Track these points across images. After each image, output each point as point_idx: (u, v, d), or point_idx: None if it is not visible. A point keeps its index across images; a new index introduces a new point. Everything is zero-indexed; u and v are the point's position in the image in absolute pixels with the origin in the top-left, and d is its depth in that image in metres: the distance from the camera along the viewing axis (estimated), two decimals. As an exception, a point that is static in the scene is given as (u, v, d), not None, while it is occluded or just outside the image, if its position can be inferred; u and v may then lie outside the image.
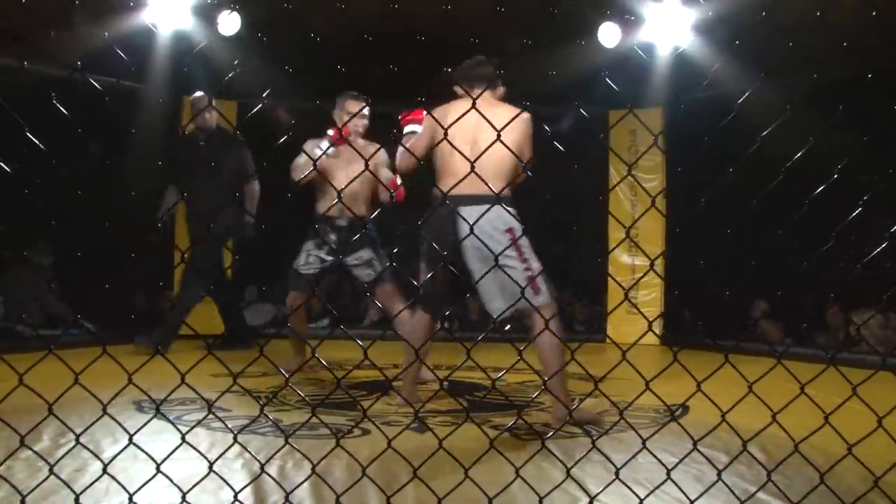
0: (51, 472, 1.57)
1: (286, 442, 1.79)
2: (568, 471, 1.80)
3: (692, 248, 5.86)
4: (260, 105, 2.16)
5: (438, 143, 3.50)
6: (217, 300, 6.04)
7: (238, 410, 3.37)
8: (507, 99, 3.68)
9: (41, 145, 1.88)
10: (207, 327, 6.21)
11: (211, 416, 1.71)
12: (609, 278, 7.22)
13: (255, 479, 2.12)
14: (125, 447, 1.61)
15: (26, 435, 1.48)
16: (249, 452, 1.78)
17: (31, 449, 1.70)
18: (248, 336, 6.02)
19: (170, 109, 6.83)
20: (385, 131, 5.92)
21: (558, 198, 7.16)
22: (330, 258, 4.53)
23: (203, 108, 5.35)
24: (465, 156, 1.69)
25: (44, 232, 6.02)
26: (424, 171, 3.71)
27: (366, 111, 4.57)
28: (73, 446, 1.65)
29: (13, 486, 1.66)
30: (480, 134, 3.36)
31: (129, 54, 5.67)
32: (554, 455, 2.20)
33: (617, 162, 7.21)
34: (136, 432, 1.58)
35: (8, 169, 1.76)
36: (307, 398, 3.82)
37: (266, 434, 2.93)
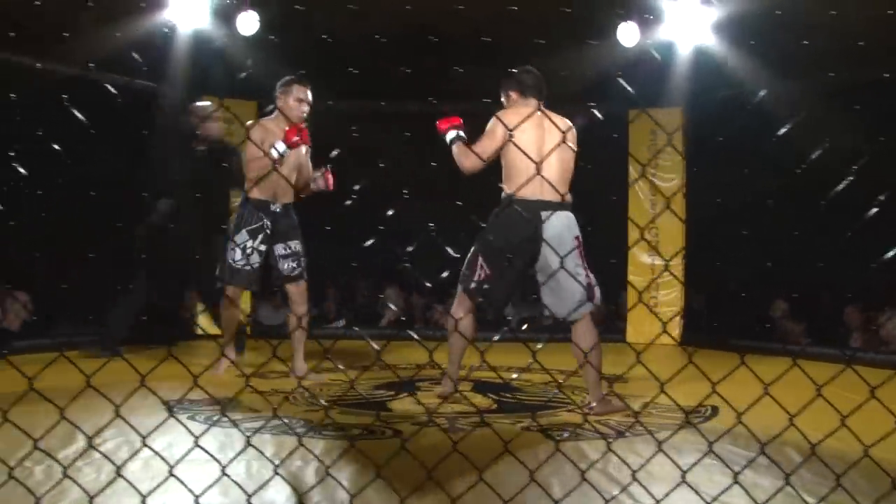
0: (65, 474, 1.58)
1: (300, 443, 1.78)
2: (583, 473, 1.78)
3: (712, 248, 5.83)
4: (274, 106, 2.17)
5: (501, 146, 3.69)
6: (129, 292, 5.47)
7: (266, 411, 3.35)
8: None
9: (57, 147, 1.89)
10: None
11: (226, 418, 1.71)
12: (629, 277, 7.17)
13: (269, 481, 2.12)
14: (138, 450, 1.62)
15: (39, 439, 1.49)
16: (263, 455, 1.78)
17: (44, 451, 1.71)
18: (115, 344, 5.06)
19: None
20: (400, 130, 5.91)
21: (577, 197, 7.15)
22: (264, 247, 4.45)
23: (207, 116, 5.21)
24: (530, 157, 1.69)
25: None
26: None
27: (309, 95, 4.47)
28: (86, 449, 1.66)
29: (27, 489, 1.67)
30: (546, 141, 3.68)
31: (146, 55, 5.69)
32: (568, 458, 2.18)
33: (636, 161, 7.16)
34: (147, 435, 1.58)
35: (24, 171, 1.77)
36: (326, 399, 3.82)
37: (285, 435, 2.94)
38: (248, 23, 6.35)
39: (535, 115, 3.60)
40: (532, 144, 3.64)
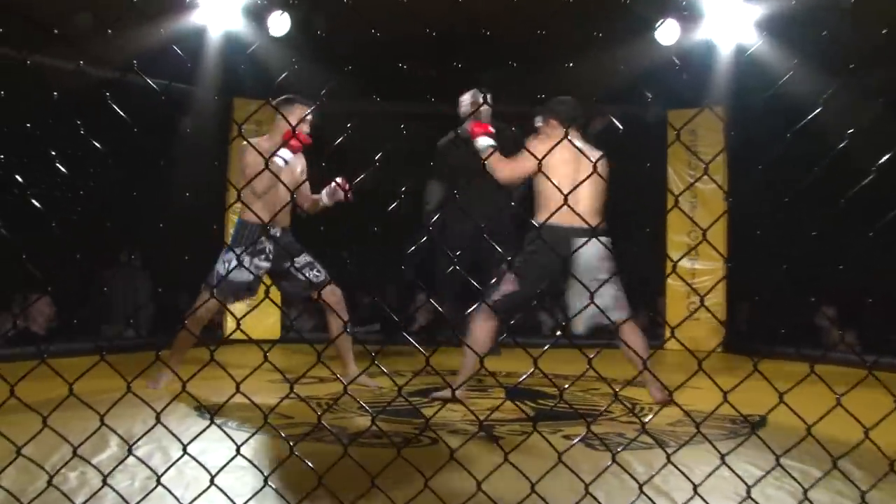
0: (104, 482, 1.54)
1: (345, 452, 1.73)
2: (641, 487, 1.71)
3: (756, 251, 5.69)
4: (314, 108, 2.13)
5: (533, 174, 3.95)
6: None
7: (300, 417, 3.34)
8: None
9: (98, 145, 1.86)
10: (261, 331, 6.23)
11: (269, 425, 1.67)
12: (668, 282, 7.07)
13: (314, 490, 2.07)
14: (179, 458, 1.57)
15: (79, 446, 1.45)
16: (307, 463, 1.73)
17: (83, 458, 1.67)
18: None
19: (221, 112, 6.86)
20: (440, 130, 5.84)
21: (615, 201, 7.06)
22: (266, 265, 4.34)
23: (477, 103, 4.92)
24: (557, 188, 1.64)
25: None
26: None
27: (310, 116, 4.31)
28: (126, 456, 1.61)
29: (65, 495, 1.63)
30: (580, 171, 3.88)
31: (178, 57, 5.70)
32: (625, 469, 2.10)
33: (676, 163, 7.06)
34: (189, 443, 1.54)
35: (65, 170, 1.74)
36: (368, 406, 3.78)
37: (322, 443, 2.90)
38: (280, 24, 6.35)
39: (566, 146, 3.77)
40: (567, 174, 3.87)
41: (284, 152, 4.09)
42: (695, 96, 6.58)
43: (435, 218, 5.53)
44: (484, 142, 4.05)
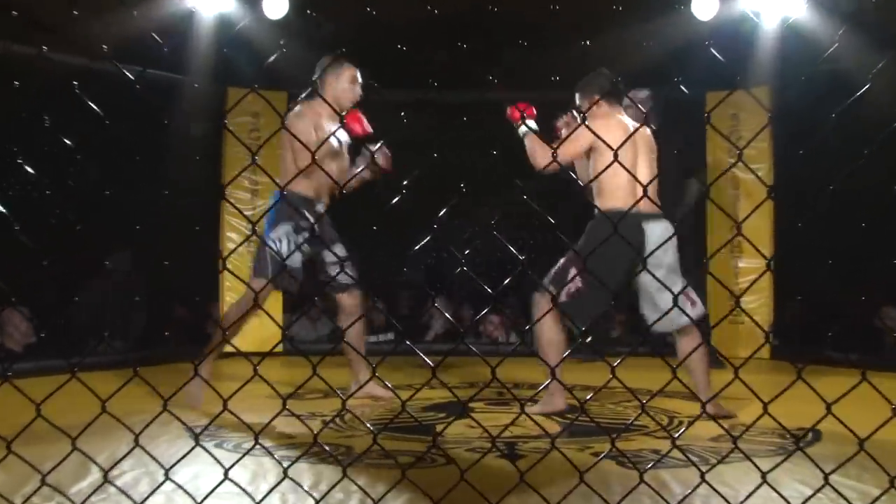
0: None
1: (344, 474, 1.72)
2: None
3: (806, 248, 5.63)
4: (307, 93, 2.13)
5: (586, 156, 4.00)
6: None
7: (302, 437, 3.33)
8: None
9: (68, 141, 1.86)
10: (262, 341, 6.25)
11: (259, 446, 1.66)
12: (710, 284, 7.00)
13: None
14: (160, 484, 1.57)
15: (48, 473, 1.45)
16: (302, 488, 1.72)
17: (52, 486, 1.67)
18: None
19: (214, 101, 6.88)
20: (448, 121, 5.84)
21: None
22: (308, 249, 4.14)
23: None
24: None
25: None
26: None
27: (360, 77, 4.33)
28: (102, 483, 1.61)
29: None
30: (636, 149, 3.91)
31: (166, 43, 5.72)
32: (656, 491, 2.08)
33: (716, 150, 6.99)
34: (171, 467, 1.53)
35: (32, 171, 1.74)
36: (371, 422, 3.77)
37: (325, 464, 2.89)
38: (276, 5, 6.36)
39: (621, 123, 4.00)
40: (625, 155, 3.84)
41: (342, 133, 4.08)
42: (737, 76, 6.51)
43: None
44: (522, 127, 4.06)
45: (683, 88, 4.55)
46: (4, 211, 1.54)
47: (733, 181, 6.96)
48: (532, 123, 4.11)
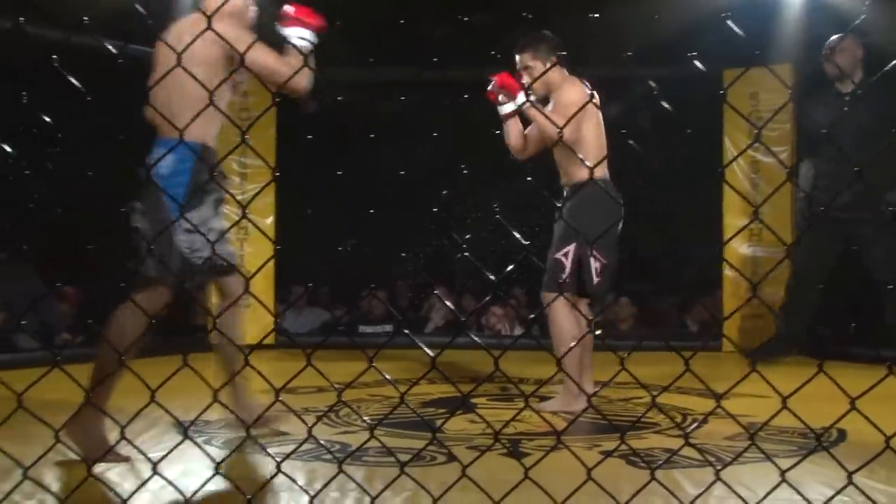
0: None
1: (340, 469, 1.74)
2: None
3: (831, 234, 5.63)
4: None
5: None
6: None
7: (297, 433, 3.36)
8: None
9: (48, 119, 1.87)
10: (257, 333, 6.26)
11: (251, 440, 1.68)
12: (725, 273, 7.02)
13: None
14: (147, 480, 1.59)
15: (30, 467, 1.47)
16: (297, 484, 1.74)
17: (33, 480, 1.69)
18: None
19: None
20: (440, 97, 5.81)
21: (660, 177, 7.03)
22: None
23: None
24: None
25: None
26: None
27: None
28: (85, 478, 1.63)
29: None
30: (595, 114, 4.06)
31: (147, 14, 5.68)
32: (669, 490, 2.10)
33: (734, 133, 6.98)
34: (159, 461, 1.55)
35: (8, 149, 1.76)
36: (368, 418, 3.80)
37: (320, 460, 2.92)
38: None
39: (584, 89, 4.07)
40: (598, 121, 4.10)
41: (304, 31, 3.18)
42: (757, 51, 6.50)
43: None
44: (520, 99, 4.06)
45: (698, 64, 4.49)
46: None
47: (753, 165, 6.96)
48: (521, 96, 4.05)
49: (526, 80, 4.05)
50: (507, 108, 4.15)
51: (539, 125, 4.03)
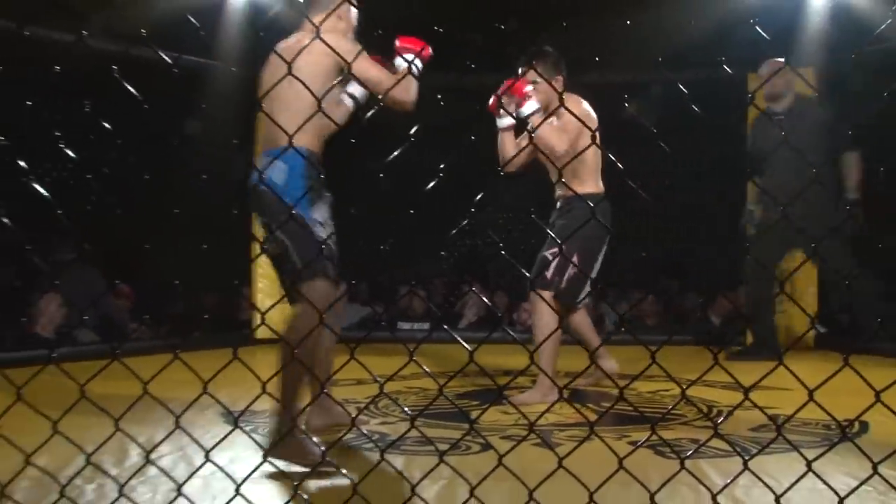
0: (121, 493, 1.59)
1: (381, 458, 1.75)
2: (714, 497, 1.70)
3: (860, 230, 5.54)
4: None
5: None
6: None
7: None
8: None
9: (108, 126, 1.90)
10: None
11: (298, 430, 1.70)
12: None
13: (349, 499, 2.11)
14: (200, 466, 1.61)
15: (92, 453, 1.49)
16: (340, 471, 1.76)
17: (98, 468, 1.72)
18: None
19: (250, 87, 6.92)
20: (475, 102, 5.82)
21: (685, 178, 6.98)
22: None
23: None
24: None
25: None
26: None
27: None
28: (143, 465, 1.66)
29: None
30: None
31: (196, 28, 5.75)
32: (699, 479, 2.09)
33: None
34: (211, 449, 1.57)
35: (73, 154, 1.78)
36: (408, 409, 3.82)
37: (361, 449, 2.94)
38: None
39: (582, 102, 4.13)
40: (597, 138, 4.17)
41: (411, 56, 3.34)
42: (783, 55, 6.43)
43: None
44: (531, 107, 4.02)
45: (727, 68, 4.46)
46: (47, 195, 1.59)
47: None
48: (535, 105, 4.03)
49: (532, 94, 4.03)
50: (505, 122, 4.21)
51: (543, 139, 4.01)
